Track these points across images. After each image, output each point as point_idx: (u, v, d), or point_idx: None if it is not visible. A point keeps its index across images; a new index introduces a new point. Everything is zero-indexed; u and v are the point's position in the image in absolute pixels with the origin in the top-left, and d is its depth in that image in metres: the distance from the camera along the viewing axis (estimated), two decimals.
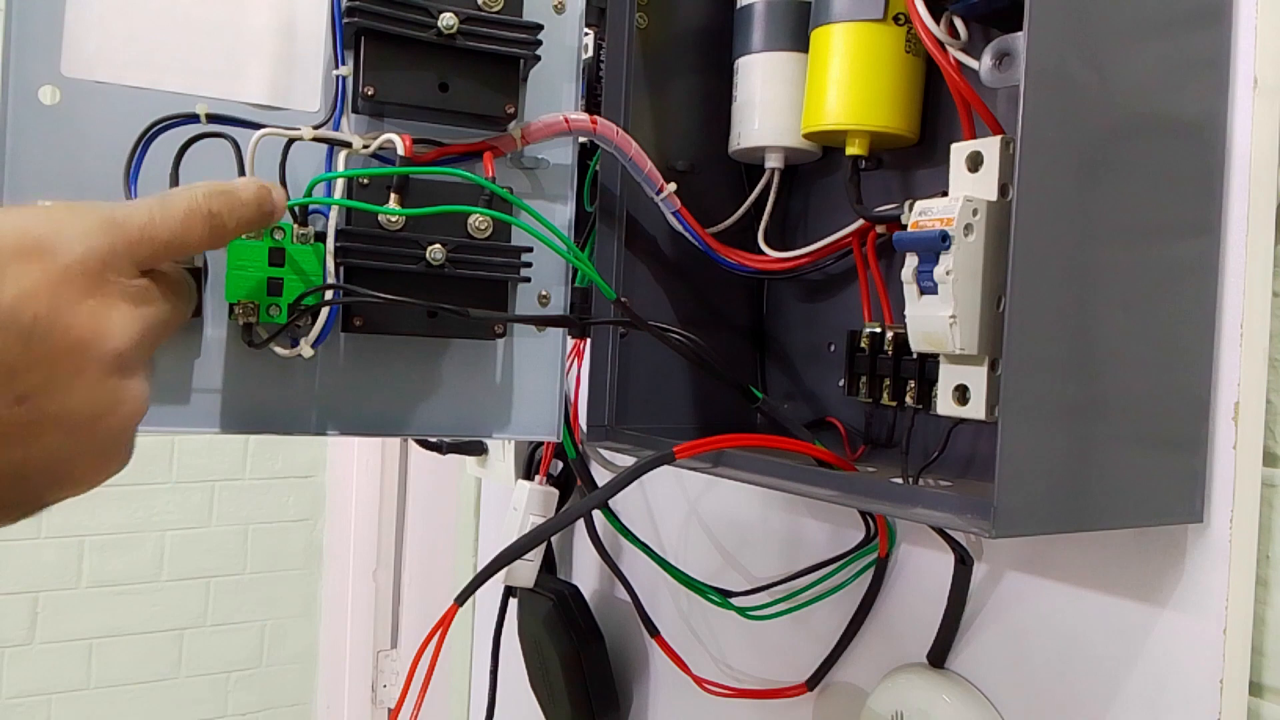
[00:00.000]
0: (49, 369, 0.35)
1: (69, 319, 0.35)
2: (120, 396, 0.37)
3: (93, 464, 0.37)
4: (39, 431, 0.35)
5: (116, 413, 0.37)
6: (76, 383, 0.35)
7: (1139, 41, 0.45)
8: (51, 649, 1.87)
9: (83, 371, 0.36)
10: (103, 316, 0.36)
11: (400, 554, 2.00)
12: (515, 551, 0.56)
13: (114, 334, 0.37)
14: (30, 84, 0.47)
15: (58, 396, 0.35)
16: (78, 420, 0.36)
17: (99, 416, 0.36)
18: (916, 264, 0.48)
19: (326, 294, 0.49)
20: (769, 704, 0.73)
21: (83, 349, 0.36)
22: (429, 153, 0.53)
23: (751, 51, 0.63)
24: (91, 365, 0.36)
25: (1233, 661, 0.48)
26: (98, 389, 0.36)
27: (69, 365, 0.35)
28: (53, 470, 0.36)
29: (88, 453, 0.37)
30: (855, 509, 0.64)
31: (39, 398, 0.35)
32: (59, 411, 0.35)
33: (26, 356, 0.34)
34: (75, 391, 0.36)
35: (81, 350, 0.36)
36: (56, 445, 0.36)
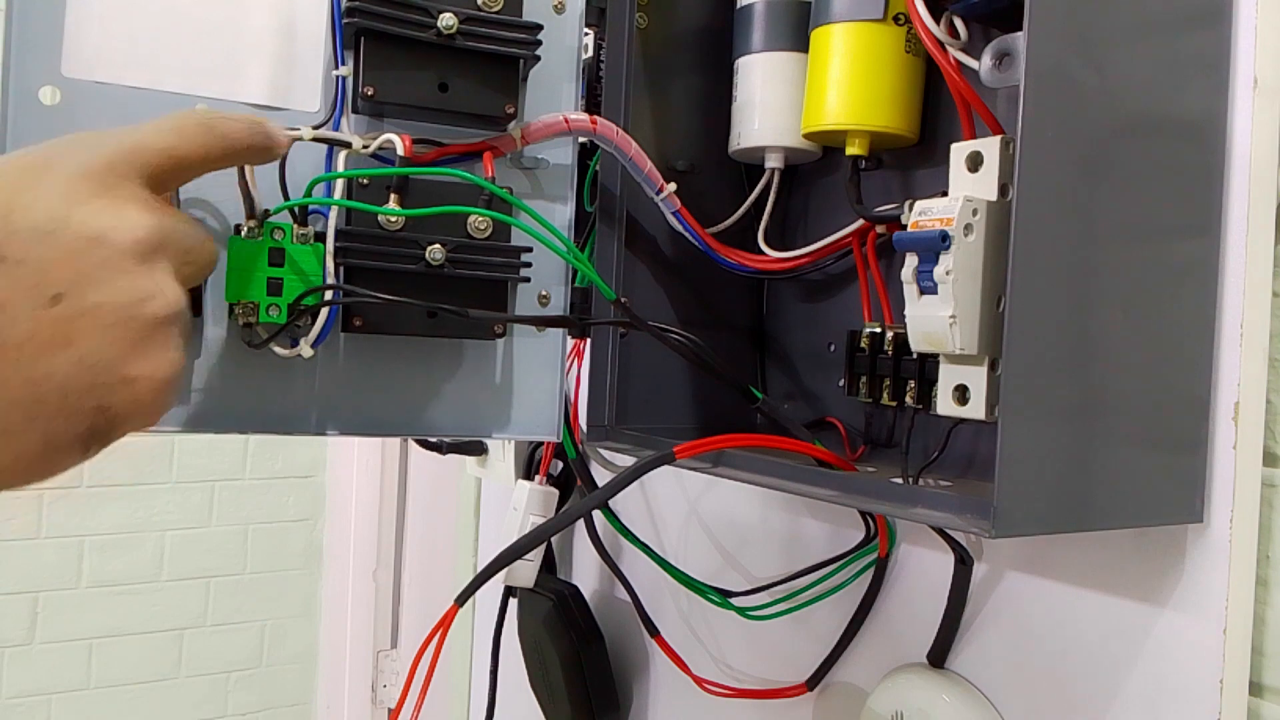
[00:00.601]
0: (75, 264, 0.35)
1: (83, 215, 0.36)
2: (150, 288, 0.37)
3: (144, 364, 0.37)
4: (78, 330, 0.35)
5: (151, 304, 0.37)
6: (104, 273, 0.36)
7: (1139, 41, 0.45)
8: (51, 649, 1.87)
9: (108, 262, 0.36)
10: (116, 210, 0.37)
11: (400, 554, 2.00)
12: (515, 552, 0.56)
13: (129, 227, 0.37)
14: (30, 84, 0.47)
15: (89, 290, 0.36)
16: (113, 311, 0.36)
17: (133, 306, 0.37)
18: (916, 264, 0.48)
19: (326, 294, 0.49)
20: (769, 704, 0.73)
21: (101, 243, 0.36)
22: (429, 153, 0.53)
23: (751, 51, 0.63)
24: (115, 255, 0.36)
25: (1233, 661, 0.48)
26: (125, 279, 0.37)
27: (93, 258, 0.36)
28: (108, 372, 0.36)
29: (131, 349, 0.37)
30: (855, 509, 0.64)
31: (71, 294, 0.35)
32: (93, 306, 0.36)
33: (51, 256, 0.35)
34: (105, 283, 0.36)
35: (100, 244, 0.36)
36: (98, 344, 0.36)
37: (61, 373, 0.35)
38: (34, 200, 0.36)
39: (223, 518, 2.01)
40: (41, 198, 0.36)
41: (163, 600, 1.96)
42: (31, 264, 0.35)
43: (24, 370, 0.34)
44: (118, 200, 0.38)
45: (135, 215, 0.38)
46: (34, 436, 0.35)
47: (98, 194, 0.37)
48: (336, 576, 2.05)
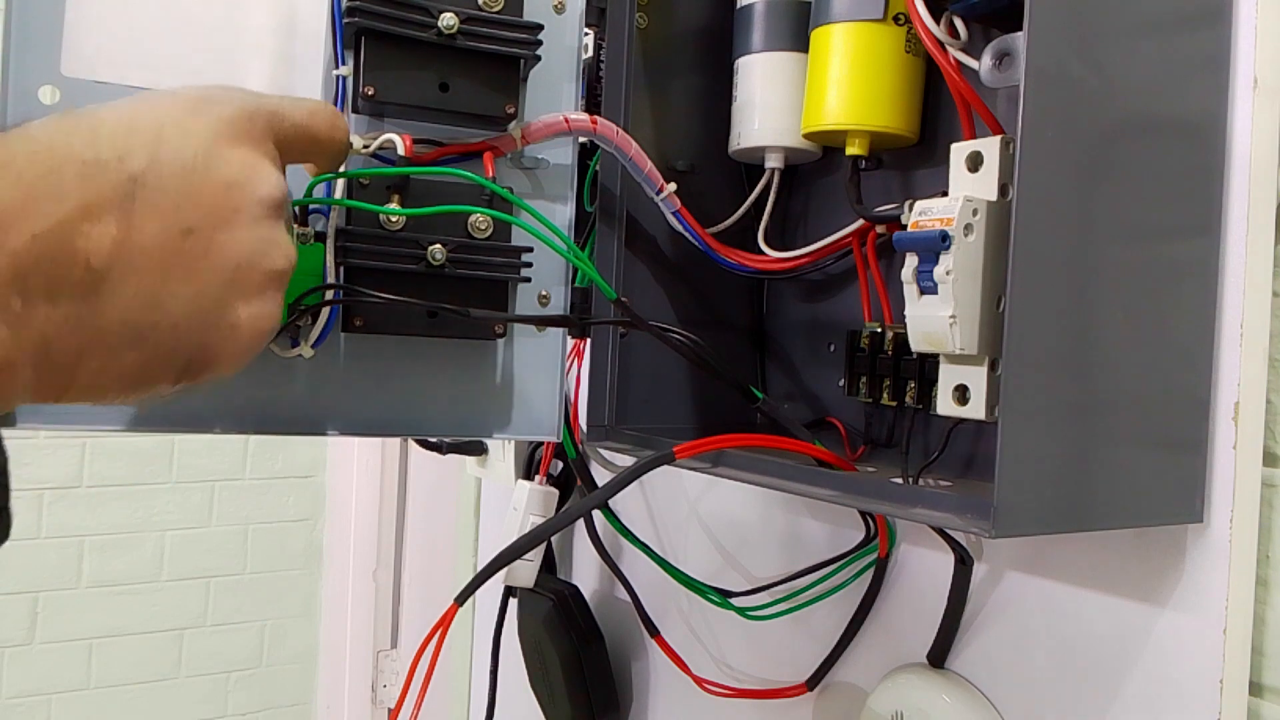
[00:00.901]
0: (210, 205, 0.36)
1: (224, 160, 0.37)
2: (273, 242, 0.39)
3: (250, 312, 0.38)
4: (202, 268, 0.36)
5: (270, 257, 0.38)
6: (234, 220, 0.37)
7: (1139, 41, 0.45)
8: (51, 649, 1.87)
9: (239, 211, 0.37)
10: (253, 164, 0.38)
11: (400, 554, 2.00)
12: (515, 551, 0.56)
13: (264, 181, 0.38)
14: (30, 84, 0.47)
15: (219, 233, 0.37)
16: (236, 258, 0.37)
17: (255, 257, 0.38)
18: (916, 264, 0.48)
19: (327, 294, 0.49)
20: (769, 704, 0.73)
21: (238, 189, 0.37)
22: (429, 153, 0.53)
23: (751, 51, 0.63)
24: (246, 205, 0.38)
25: (1233, 661, 0.48)
26: (253, 230, 0.38)
27: (227, 203, 0.37)
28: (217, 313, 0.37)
29: (243, 297, 0.38)
30: (855, 509, 0.64)
31: (202, 232, 0.36)
32: (220, 248, 0.37)
33: (190, 191, 0.36)
34: (234, 229, 0.37)
35: (237, 190, 0.37)
36: (217, 285, 0.37)
37: (177, 305, 0.36)
38: (183, 137, 0.36)
39: (223, 518, 2.01)
40: (191, 136, 0.37)
41: (163, 600, 1.96)
42: (170, 195, 0.35)
43: (145, 295, 0.35)
44: (257, 154, 0.39)
45: (271, 172, 0.39)
46: (137, 359, 0.36)
47: (240, 143, 0.38)
48: (336, 576, 2.05)
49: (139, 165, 0.35)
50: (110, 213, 0.34)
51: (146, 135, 0.36)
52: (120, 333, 0.35)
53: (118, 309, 0.35)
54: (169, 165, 0.36)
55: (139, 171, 0.35)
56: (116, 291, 0.35)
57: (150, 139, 0.36)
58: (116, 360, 0.36)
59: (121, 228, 0.34)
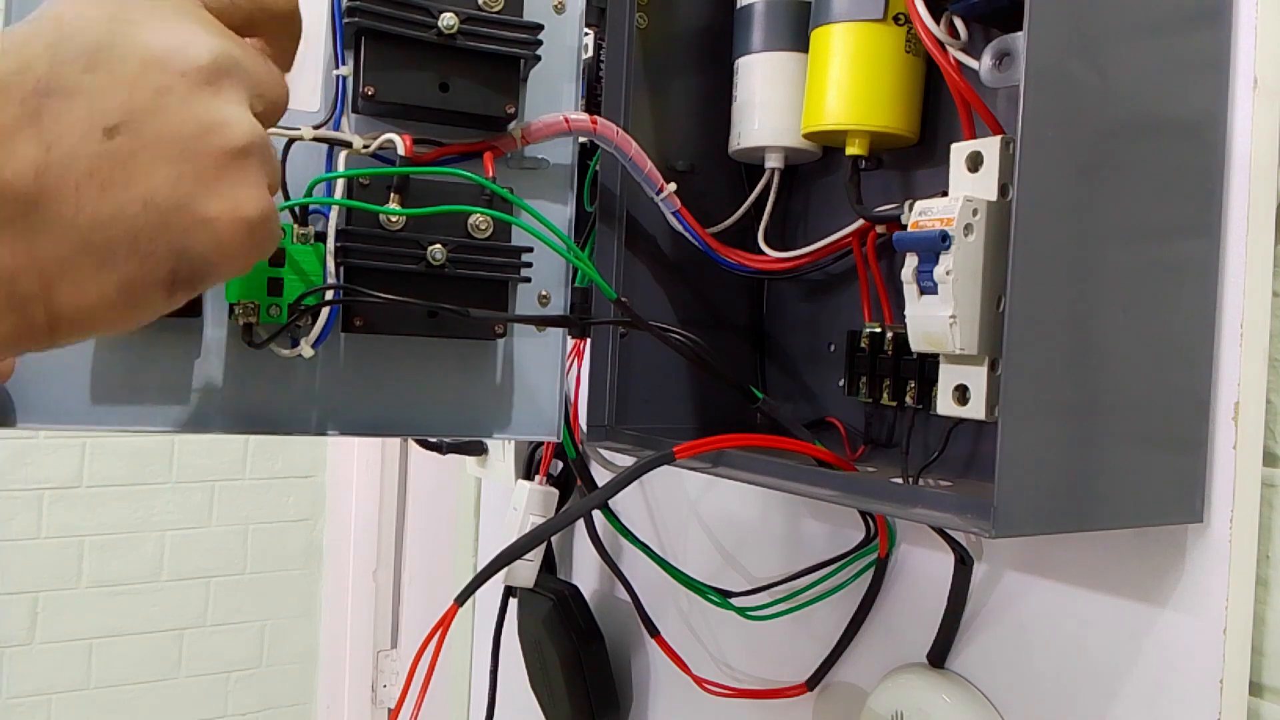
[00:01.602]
0: (129, 92, 0.32)
1: (137, 36, 0.33)
2: (219, 116, 0.34)
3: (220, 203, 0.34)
4: (140, 166, 0.32)
5: (221, 134, 0.34)
6: (163, 103, 0.33)
7: (1139, 41, 0.45)
8: (51, 649, 1.87)
9: (168, 89, 0.33)
10: (175, 31, 0.34)
11: (400, 554, 2.00)
12: (515, 552, 0.56)
13: (190, 46, 0.34)
14: None
15: (148, 121, 0.32)
16: (176, 141, 0.33)
17: (199, 136, 0.33)
18: (916, 264, 0.48)
19: (327, 294, 0.49)
20: (769, 704, 0.73)
21: (161, 64, 0.33)
22: (429, 153, 0.53)
23: (751, 51, 0.63)
24: (175, 80, 0.33)
25: (1233, 661, 0.48)
26: (188, 106, 0.33)
27: (150, 84, 0.33)
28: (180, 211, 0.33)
29: (204, 187, 0.33)
30: (855, 509, 0.64)
31: (129, 126, 0.32)
32: (154, 136, 0.33)
33: (103, 83, 0.32)
34: (165, 111, 0.33)
35: (160, 65, 0.33)
36: (165, 181, 0.33)
37: (128, 214, 0.32)
38: (85, 24, 0.32)
39: (223, 518, 2.01)
40: (93, 20, 0.33)
41: (163, 600, 1.96)
42: (83, 95, 0.32)
43: (87, 212, 0.32)
44: (178, 20, 0.34)
45: (199, 37, 0.34)
46: (110, 279, 0.33)
47: (156, 13, 0.34)
48: (336, 576, 2.05)
49: (40, 71, 0.31)
50: (21, 131, 0.31)
51: (45, 36, 0.32)
52: (77, 257, 0.32)
53: (66, 231, 0.32)
54: (72, 62, 0.32)
55: (41, 78, 0.31)
56: (54, 214, 0.31)
57: (50, 39, 0.32)
58: (90, 285, 0.32)
59: (37, 145, 0.31)
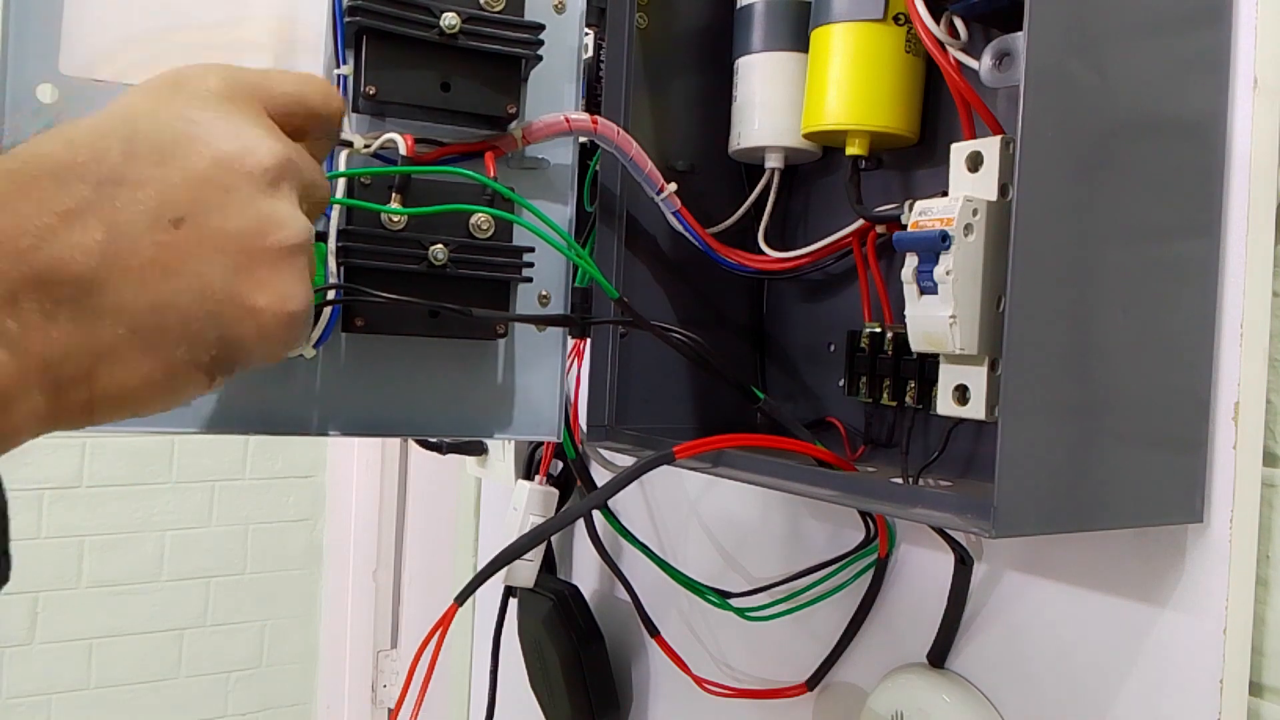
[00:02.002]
0: (197, 187, 0.34)
1: (208, 137, 0.35)
2: (277, 218, 0.36)
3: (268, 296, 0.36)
4: (201, 257, 0.34)
5: (277, 233, 0.36)
6: (228, 200, 0.35)
7: (1139, 41, 0.45)
8: (51, 649, 1.87)
9: (232, 189, 0.35)
10: (242, 135, 0.36)
11: (400, 554, 2.00)
12: (514, 552, 0.56)
13: (256, 149, 0.36)
14: (28, 82, 0.47)
15: (213, 216, 0.34)
16: (236, 239, 0.35)
17: (258, 235, 0.35)
18: (916, 264, 0.48)
19: (328, 294, 0.49)
20: (769, 704, 0.73)
21: (228, 164, 0.35)
22: (430, 152, 0.53)
23: (751, 51, 0.63)
24: (240, 181, 0.35)
25: (1233, 661, 0.48)
26: (251, 206, 0.35)
27: (217, 183, 0.35)
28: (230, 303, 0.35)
29: (255, 280, 0.35)
30: (855, 509, 0.64)
31: (193, 219, 0.34)
32: (215, 232, 0.34)
33: (173, 178, 0.34)
34: (229, 209, 0.35)
35: (225, 166, 0.35)
36: (221, 273, 0.34)
37: (184, 300, 0.34)
38: (160, 122, 0.35)
39: (223, 518, 2.01)
40: (167, 119, 0.35)
41: (163, 600, 1.96)
42: (153, 186, 0.33)
43: (146, 296, 0.33)
44: (246, 125, 0.37)
45: (263, 141, 0.36)
46: (156, 364, 0.34)
47: (224, 116, 0.36)
48: (336, 576, 2.05)
49: (114, 161, 0.33)
50: (91, 216, 0.32)
51: (121, 130, 0.34)
52: (129, 340, 0.33)
53: (119, 316, 0.33)
54: (146, 157, 0.34)
55: (115, 167, 0.33)
56: (113, 297, 0.33)
57: (125, 133, 0.34)
58: (134, 369, 0.34)
59: (105, 230, 0.33)
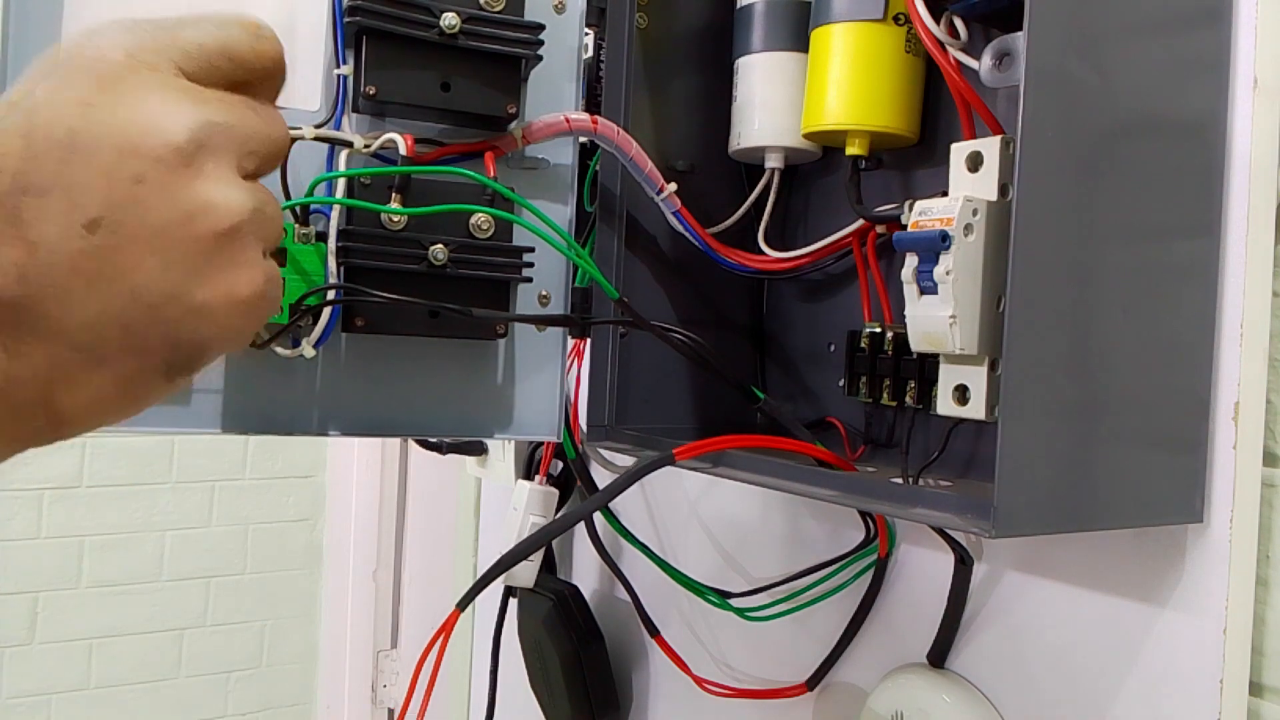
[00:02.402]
0: (105, 183, 0.31)
1: (107, 119, 0.31)
2: (201, 198, 0.32)
3: (210, 289, 0.32)
4: (124, 260, 0.31)
5: (205, 219, 0.32)
6: (141, 190, 0.31)
7: (1139, 41, 0.46)
8: (51, 649, 1.87)
9: (143, 178, 0.31)
10: (146, 111, 0.32)
11: (400, 554, 2.00)
12: (515, 557, 0.56)
13: (165, 127, 0.32)
14: None
15: (129, 212, 0.31)
16: (159, 231, 0.31)
17: (183, 223, 0.32)
18: (916, 264, 0.48)
19: (329, 294, 0.49)
20: (769, 704, 0.73)
21: (133, 149, 0.31)
22: (430, 152, 0.53)
23: (751, 51, 0.63)
24: (149, 165, 0.31)
25: (1233, 661, 0.48)
26: (167, 192, 0.31)
27: (125, 173, 0.31)
28: (169, 302, 0.32)
29: (193, 274, 0.32)
30: (855, 509, 0.64)
31: (109, 221, 0.31)
32: (136, 228, 0.31)
33: (79, 177, 0.31)
34: (144, 201, 0.31)
35: (132, 150, 0.31)
36: (151, 273, 0.31)
37: (116, 310, 0.31)
38: (57, 111, 0.31)
39: (223, 518, 2.01)
40: (62, 109, 0.31)
41: (163, 600, 1.96)
42: (60, 189, 0.30)
43: (76, 312, 0.31)
44: (152, 96, 0.32)
45: (173, 114, 0.32)
46: (107, 378, 0.32)
47: (125, 92, 0.32)
48: (336, 576, 2.05)
49: (15, 167, 0.30)
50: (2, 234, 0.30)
51: (17, 128, 0.31)
52: (72, 359, 0.31)
53: (55, 334, 0.31)
54: (46, 155, 0.30)
55: (17, 174, 0.30)
56: (43, 316, 0.30)
57: (21, 129, 0.30)
58: (85, 387, 0.32)
59: (18, 247, 0.30)
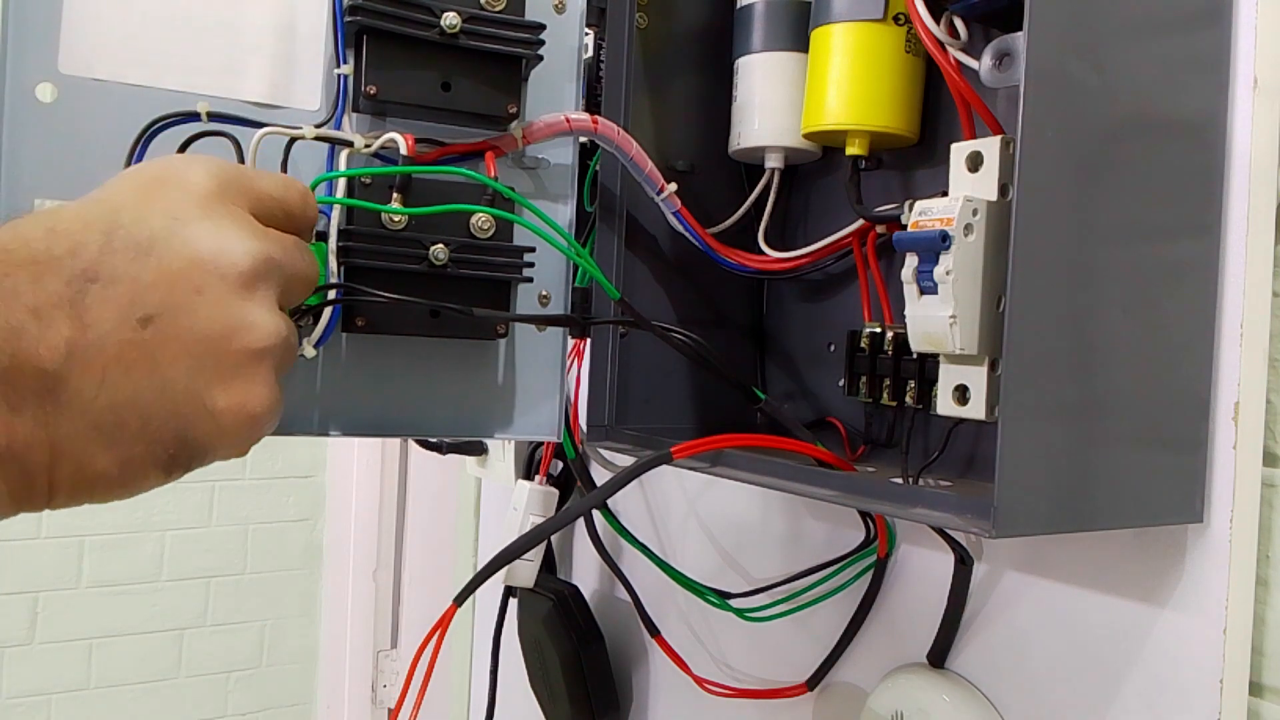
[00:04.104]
0: (168, 287, 0.34)
1: (186, 234, 0.35)
2: (248, 319, 0.36)
3: (230, 397, 0.36)
4: (165, 357, 0.34)
5: (245, 336, 0.36)
6: (199, 302, 0.35)
7: (1139, 41, 0.46)
8: (51, 649, 1.87)
9: (203, 290, 0.35)
10: (221, 235, 0.36)
11: (400, 554, 2.00)
12: (513, 552, 0.56)
13: (234, 251, 0.36)
14: (28, 81, 0.47)
15: (180, 318, 0.34)
16: (202, 341, 0.35)
17: (225, 337, 0.35)
18: (916, 264, 0.48)
19: (329, 293, 0.49)
20: (769, 704, 0.73)
21: (203, 265, 0.35)
22: (431, 152, 0.53)
23: (751, 51, 0.63)
24: (213, 281, 0.35)
25: (1233, 661, 0.48)
26: (221, 308, 0.35)
27: (189, 283, 0.35)
28: (191, 403, 0.35)
29: (219, 381, 0.35)
30: (855, 509, 0.64)
31: (162, 319, 0.34)
32: (183, 332, 0.35)
33: (146, 276, 0.34)
34: (198, 311, 0.35)
35: (200, 266, 0.35)
36: (184, 373, 0.35)
37: (144, 398, 0.34)
38: (142, 217, 0.35)
39: (223, 518, 2.01)
40: (148, 216, 0.35)
41: (163, 600, 1.96)
42: (125, 284, 0.34)
43: (108, 393, 0.34)
44: (225, 223, 0.37)
45: (241, 241, 0.36)
46: (113, 459, 0.35)
47: (206, 214, 0.36)
48: (336, 576, 2.05)
49: (90, 256, 0.34)
50: (61, 311, 0.33)
51: (101, 224, 0.34)
52: (88, 435, 0.34)
53: (82, 411, 0.33)
54: (123, 253, 0.34)
55: (90, 263, 0.34)
56: (77, 393, 0.33)
57: (105, 227, 0.34)
58: (91, 463, 0.34)
59: (74, 326, 0.33)
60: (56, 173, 0.48)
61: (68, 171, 0.48)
